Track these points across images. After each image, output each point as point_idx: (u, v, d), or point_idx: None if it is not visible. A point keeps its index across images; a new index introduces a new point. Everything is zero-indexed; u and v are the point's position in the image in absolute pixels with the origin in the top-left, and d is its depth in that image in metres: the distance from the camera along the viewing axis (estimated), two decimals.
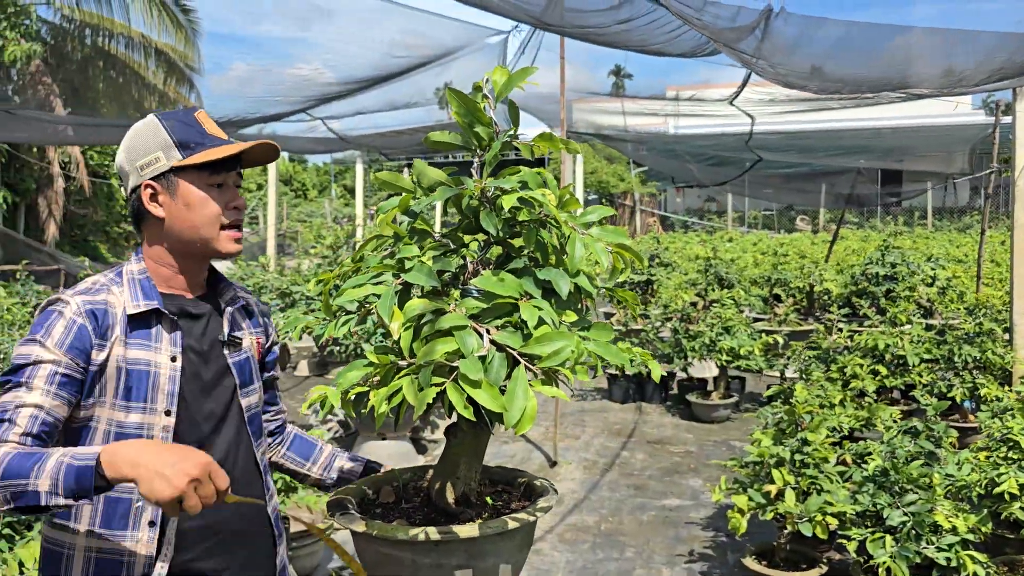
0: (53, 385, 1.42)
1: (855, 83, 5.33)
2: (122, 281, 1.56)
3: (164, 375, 1.52)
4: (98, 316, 1.49)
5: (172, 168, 1.53)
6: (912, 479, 3.38)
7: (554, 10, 4.66)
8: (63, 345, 1.44)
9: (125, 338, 1.51)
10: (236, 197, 1.60)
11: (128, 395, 1.49)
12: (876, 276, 8.37)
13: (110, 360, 1.48)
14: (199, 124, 1.57)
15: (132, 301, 1.53)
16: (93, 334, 1.47)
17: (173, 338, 1.55)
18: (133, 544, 1.47)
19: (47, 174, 17.59)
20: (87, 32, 16.19)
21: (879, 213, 30.75)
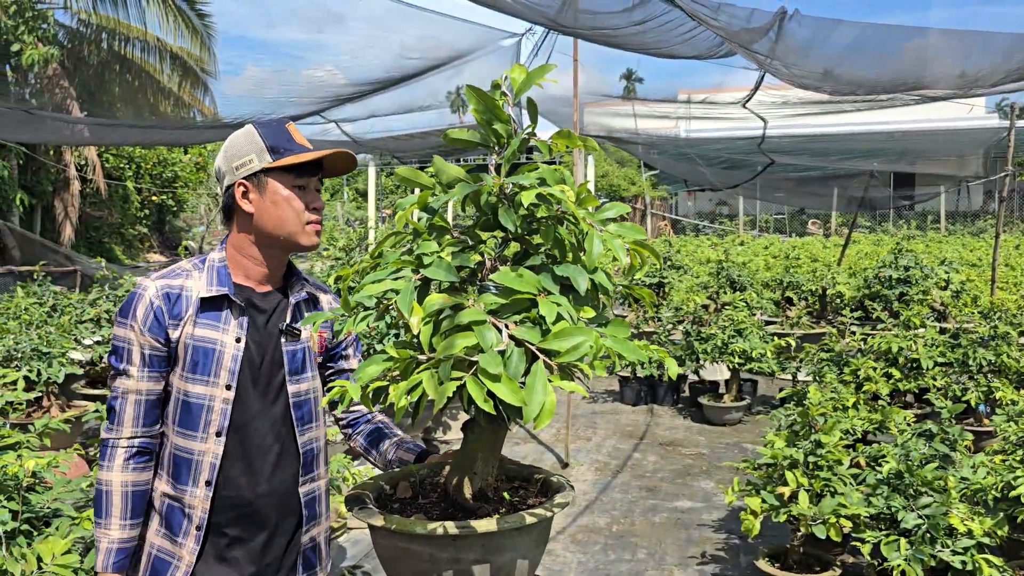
0: (145, 366, 1.72)
1: (870, 85, 5.32)
2: (203, 268, 1.78)
3: (228, 353, 1.73)
4: (171, 298, 1.72)
5: (263, 169, 1.74)
6: (927, 482, 3.37)
7: (568, 11, 4.68)
8: (146, 324, 1.71)
9: (196, 318, 1.72)
10: (316, 199, 1.79)
11: (195, 368, 1.72)
12: (889, 279, 8.34)
13: (182, 337, 1.72)
14: (288, 133, 1.77)
15: (207, 286, 1.74)
16: (167, 314, 1.71)
17: (240, 322, 1.75)
18: (192, 498, 1.72)
19: (63, 177, 17.74)
20: (103, 36, 16.34)
21: (891, 217, 30.60)
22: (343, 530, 4.21)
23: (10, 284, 9.43)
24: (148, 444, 1.74)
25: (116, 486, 1.70)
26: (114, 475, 1.70)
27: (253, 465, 1.75)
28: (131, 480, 1.71)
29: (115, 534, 1.70)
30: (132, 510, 1.71)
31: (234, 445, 1.73)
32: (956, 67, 5.09)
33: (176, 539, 1.72)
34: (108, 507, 1.70)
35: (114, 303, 6.75)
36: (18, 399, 3.99)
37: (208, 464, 1.71)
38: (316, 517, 1.86)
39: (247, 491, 1.74)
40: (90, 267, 12.17)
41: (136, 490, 1.72)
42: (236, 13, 9.69)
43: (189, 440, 1.72)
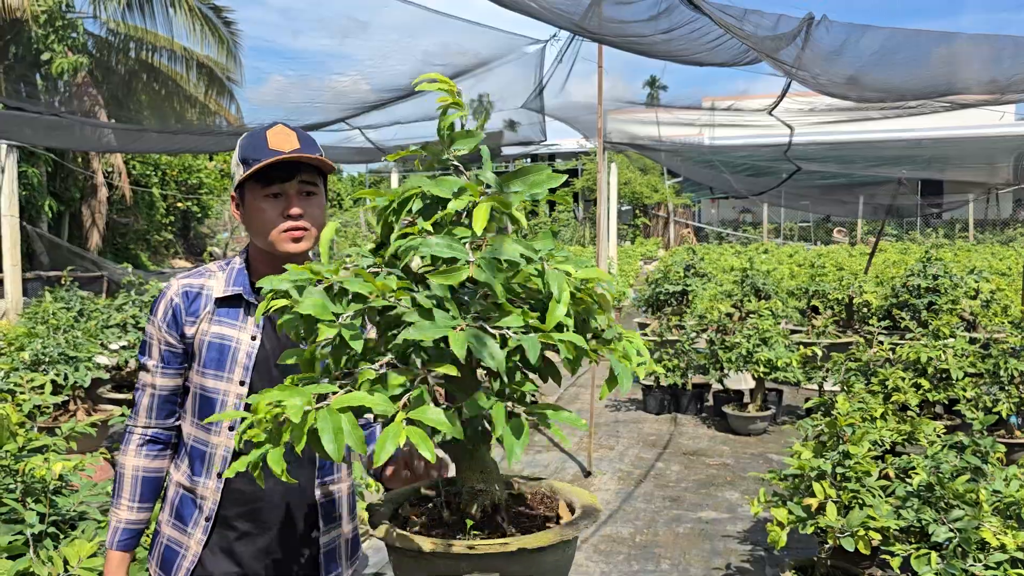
0: (162, 362, 1.80)
1: (898, 92, 5.25)
2: (226, 269, 1.85)
3: (243, 350, 1.77)
4: (190, 296, 1.80)
5: (240, 182, 1.78)
6: (958, 494, 3.30)
7: (593, 17, 4.67)
8: (164, 321, 1.79)
9: (213, 316, 1.78)
10: (291, 204, 1.75)
11: (210, 364, 1.77)
12: (917, 288, 8.21)
13: (198, 333, 1.78)
14: (264, 140, 1.75)
15: (223, 286, 1.81)
16: (185, 312, 1.79)
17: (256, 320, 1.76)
18: (204, 489, 1.77)
19: (91, 184, 17.99)
20: (131, 45, 16.57)
21: (919, 225, 30.22)
22: (366, 537, 4.21)
23: (38, 289, 9.56)
24: (161, 435, 1.83)
25: (128, 469, 1.81)
26: (128, 459, 1.82)
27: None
28: (142, 465, 1.81)
29: (123, 514, 1.80)
30: (141, 494, 1.81)
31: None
32: (987, 73, 5.01)
33: (186, 529, 1.78)
34: (120, 488, 1.82)
35: (140, 308, 6.82)
36: (45, 402, 4.03)
37: (220, 457, 1.76)
38: (335, 520, 1.86)
39: (257, 487, 1.77)
40: (117, 273, 12.31)
41: (146, 475, 1.82)
42: (262, 22, 9.81)
43: (205, 432, 1.78)
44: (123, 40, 16.68)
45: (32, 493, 2.75)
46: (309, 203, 1.78)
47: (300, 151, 1.74)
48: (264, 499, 1.78)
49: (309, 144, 1.77)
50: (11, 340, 5.70)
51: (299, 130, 1.81)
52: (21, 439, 2.92)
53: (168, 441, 1.85)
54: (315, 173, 1.79)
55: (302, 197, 1.77)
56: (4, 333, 6.04)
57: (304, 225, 1.76)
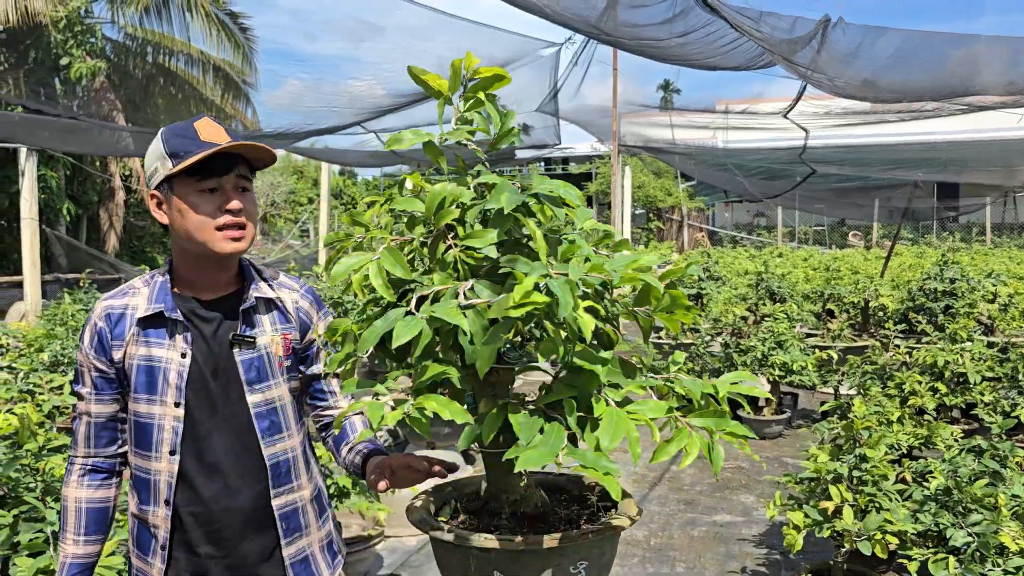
0: (95, 389, 1.70)
1: (915, 94, 5.23)
2: (150, 283, 1.72)
3: (174, 370, 1.66)
4: (113, 318, 1.68)
5: (166, 177, 1.63)
6: (976, 499, 3.28)
7: (609, 20, 4.68)
8: (92, 347, 1.69)
9: (139, 337, 1.67)
10: (230, 200, 1.64)
11: (141, 388, 1.67)
12: (934, 291, 8.16)
13: (126, 357, 1.67)
14: (194, 131, 1.64)
15: (145, 304, 1.69)
16: (110, 335, 1.68)
17: (185, 336, 1.67)
18: (155, 518, 1.68)
19: (109, 187, 18.16)
20: (148, 49, 16.72)
21: (935, 229, 29.99)
22: (380, 538, 4.22)
23: (57, 291, 9.66)
24: (102, 464, 1.73)
25: (71, 502, 1.71)
26: (70, 491, 1.72)
27: (217, 481, 1.68)
28: (84, 496, 1.71)
29: (69, 548, 1.70)
30: (86, 527, 1.71)
31: (191, 463, 1.67)
32: (1005, 75, 4.98)
33: (147, 559, 1.70)
34: (64, 522, 1.72)
35: None
36: (64, 403, 4.07)
37: (165, 483, 1.66)
38: (299, 529, 1.76)
39: (214, 507, 1.68)
40: (134, 275, 12.41)
41: (90, 507, 1.71)
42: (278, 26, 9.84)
43: (145, 460, 1.68)
44: (140, 44, 16.84)
45: (52, 492, 2.78)
46: (245, 198, 1.67)
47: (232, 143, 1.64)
48: (220, 519, 1.68)
49: (236, 138, 1.67)
50: (30, 341, 5.77)
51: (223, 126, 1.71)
52: (41, 438, 2.96)
53: (111, 469, 1.74)
54: (247, 168, 1.68)
55: (239, 192, 1.66)
56: (24, 334, 6.11)
57: (242, 222, 1.65)
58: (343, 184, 43.52)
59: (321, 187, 13.91)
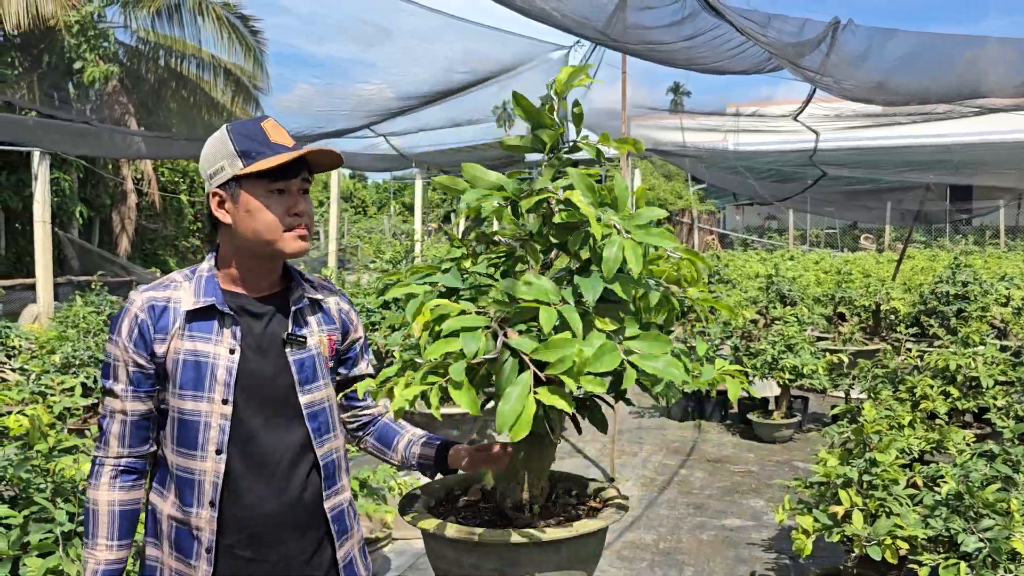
0: (131, 384, 1.63)
1: (925, 96, 5.20)
2: (193, 278, 1.68)
3: (222, 366, 1.62)
4: (157, 311, 1.63)
5: (234, 177, 1.62)
6: (988, 504, 3.25)
7: (617, 25, 4.67)
8: (130, 340, 1.63)
9: (185, 331, 1.63)
10: (299, 202, 1.65)
11: (187, 385, 1.61)
12: (946, 295, 8.10)
13: (170, 352, 1.62)
14: (263, 133, 1.64)
15: (193, 297, 1.64)
16: (153, 328, 1.62)
17: (233, 332, 1.64)
18: (198, 519, 1.61)
19: (121, 190, 18.26)
20: (160, 53, 16.82)
21: (947, 232, 29.78)
22: (388, 540, 4.23)
23: (69, 293, 9.72)
24: (136, 464, 1.68)
25: (103, 505, 1.64)
26: (101, 494, 1.65)
27: (263, 482, 1.64)
28: (118, 499, 1.65)
29: (101, 555, 1.63)
30: (119, 530, 1.65)
31: (239, 462, 1.62)
32: (1016, 77, 4.95)
33: (190, 562, 1.63)
34: (95, 527, 1.64)
35: None
36: (75, 404, 4.09)
37: (211, 484, 1.61)
38: (348, 531, 1.77)
39: (258, 510, 1.63)
40: (146, 277, 12.49)
41: (123, 509, 1.65)
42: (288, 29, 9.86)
43: (189, 460, 1.62)
44: (152, 49, 16.94)
45: (62, 493, 2.79)
46: (307, 201, 1.69)
47: (297, 147, 1.65)
48: (269, 521, 1.64)
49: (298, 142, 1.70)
50: (42, 343, 5.80)
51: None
52: (52, 440, 2.97)
53: (143, 470, 1.69)
54: (308, 171, 1.69)
55: (302, 195, 1.68)
56: (36, 336, 6.15)
57: (306, 223, 1.67)
58: (353, 187, 43.66)
59: (331, 190, 13.96)
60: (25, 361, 5.68)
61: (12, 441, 3.09)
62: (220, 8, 16.29)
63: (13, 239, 16.43)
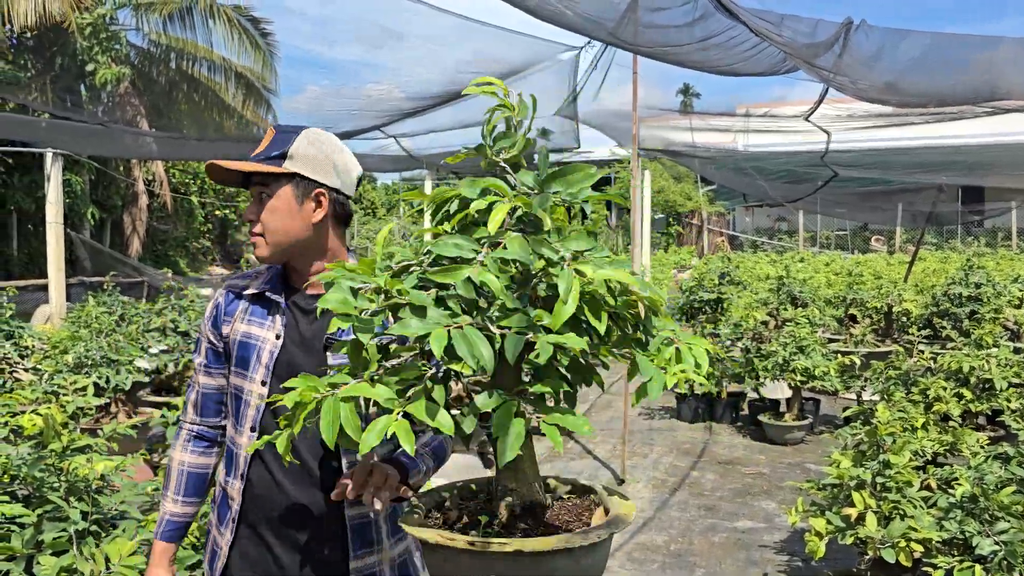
0: (206, 359, 1.82)
1: (940, 97, 5.16)
2: (271, 269, 1.83)
3: (267, 349, 1.74)
4: (230, 296, 1.82)
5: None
6: (1003, 506, 3.22)
7: (628, 26, 4.66)
8: (209, 320, 1.83)
9: (245, 316, 1.78)
10: (249, 211, 1.75)
11: (239, 363, 1.76)
12: (959, 296, 8.05)
13: (231, 333, 1.78)
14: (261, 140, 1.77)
15: (256, 286, 1.80)
16: (224, 311, 1.81)
17: (283, 320, 1.76)
18: (231, 489, 1.77)
19: (132, 191, 18.36)
20: (172, 56, 16.90)
21: (959, 233, 29.61)
22: None
23: (82, 294, 9.77)
24: (207, 432, 1.85)
25: (175, 463, 1.84)
26: (176, 453, 1.85)
27: (283, 470, 1.70)
28: (187, 460, 1.83)
29: (168, 506, 1.83)
30: (184, 488, 1.83)
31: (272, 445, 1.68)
32: None
33: (220, 528, 1.78)
34: (168, 481, 1.85)
35: (179, 313, 6.93)
36: (88, 404, 4.11)
37: (243, 458, 1.74)
38: (370, 544, 1.72)
39: (276, 495, 1.71)
40: (157, 278, 12.54)
41: (191, 471, 1.83)
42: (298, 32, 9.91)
43: (234, 433, 1.77)
44: (164, 51, 17.03)
45: (75, 492, 2.80)
46: (262, 208, 1.71)
47: (259, 154, 1.70)
48: (285, 510, 1.69)
49: (275, 144, 1.71)
50: (55, 343, 5.83)
51: (283, 128, 1.74)
52: (65, 439, 2.98)
53: (214, 439, 1.86)
54: (268, 176, 1.70)
55: (256, 202, 1.73)
56: (48, 336, 6.18)
57: (255, 231, 1.72)
58: (362, 188, 43.75)
59: None
60: (38, 361, 5.71)
61: (25, 440, 3.11)
62: (231, 11, 16.37)
63: (25, 240, 16.54)
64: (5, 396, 4.17)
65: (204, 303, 7.23)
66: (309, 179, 1.71)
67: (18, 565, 2.50)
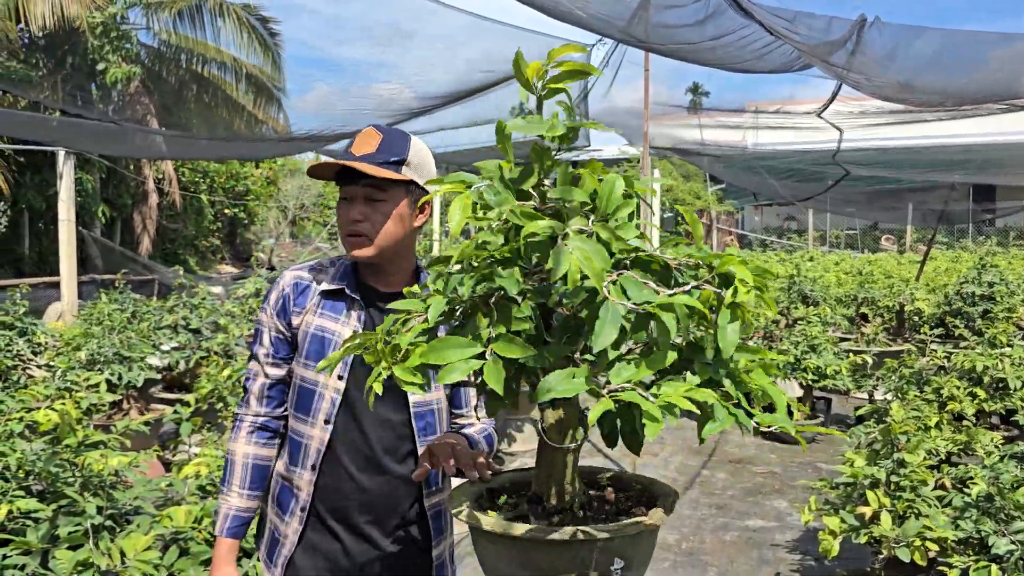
0: (272, 348, 1.82)
1: (957, 96, 5.12)
2: (337, 264, 1.87)
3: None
4: (299, 287, 1.82)
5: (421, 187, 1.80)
6: (1020, 506, 3.20)
7: (640, 24, 4.65)
8: (275, 309, 1.82)
9: (318, 309, 1.79)
10: (350, 210, 1.76)
11: (312, 356, 1.77)
12: (972, 296, 8.00)
13: (303, 324, 1.79)
14: (352, 141, 1.78)
15: (329, 281, 1.82)
16: (293, 302, 1.81)
17: (359, 316, 1.79)
18: (299, 480, 1.79)
19: (142, 190, 18.42)
20: (182, 55, 16.96)
21: (970, 232, 29.45)
22: None
23: (93, 291, 9.81)
24: (271, 423, 1.85)
25: (239, 456, 1.82)
26: (238, 446, 1.82)
27: (361, 461, 1.77)
28: (252, 452, 1.82)
29: (234, 501, 1.81)
30: (251, 481, 1.82)
31: (344, 436, 1.76)
32: None
33: (284, 518, 1.81)
34: (231, 475, 1.82)
35: (190, 310, 6.95)
36: (101, 400, 4.13)
37: (315, 449, 1.76)
38: (443, 532, 1.86)
39: (354, 484, 1.76)
40: (167, 276, 12.59)
41: (256, 463, 1.82)
42: (308, 31, 9.96)
43: (302, 424, 1.79)
44: (174, 51, 17.08)
45: (90, 487, 2.81)
46: (373, 209, 1.74)
47: (367, 156, 1.72)
48: (362, 498, 1.76)
49: (388, 148, 1.74)
50: (68, 340, 5.86)
51: (388, 131, 1.77)
52: (80, 434, 2.99)
53: (277, 430, 1.86)
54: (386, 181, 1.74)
55: (361, 201, 1.74)
56: (61, 333, 6.21)
57: (360, 231, 1.74)
58: None
59: None
60: (51, 358, 5.73)
61: (40, 436, 3.12)
62: (240, 10, 16.40)
63: (36, 238, 16.62)
64: (20, 392, 4.19)
65: (214, 301, 7.24)
66: (420, 187, 1.79)
67: (34, 560, 2.51)
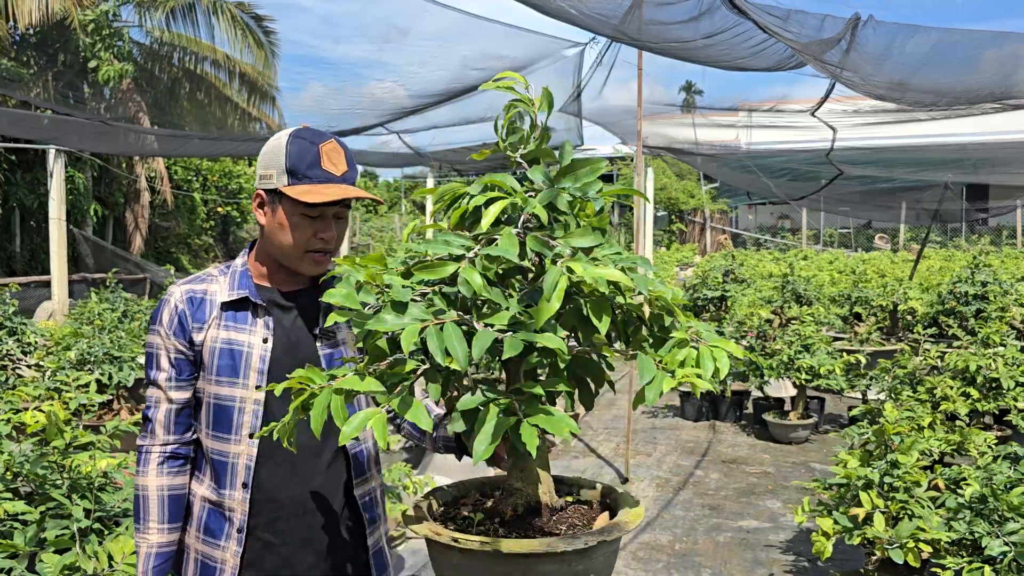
0: (173, 371, 1.71)
1: (951, 95, 5.11)
2: (227, 272, 1.79)
3: (256, 354, 1.71)
4: (195, 302, 1.73)
5: (277, 189, 1.68)
6: (1013, 507, 3.19)
7: (633, 21, 4.63)
8: (170, 328, 1.71)
9: (221, 322, 1.72)
10: (328, 228, 1.71)
11: (223, 371, 1.70)
12: (965, 295, 8.02)
13: (207, 340, 1.71)
14: (317, 156, 1.67)
15: (227, 290, 1.74)
16: (191, 318, 1.71)
17: (266, 322, 1.73)
18: (231, 501, 1.70)
19: (135, 188, 18.33)
20: (175, 53, 16.88)
21: (963, 232, 29.55)
22: (402, 539, 4.20)
23: (84, 290, 9.76)
24: (181, 450, 1.74)
25: (152, 490, 1.71)
26: (150, 480, 1.71)
27: (289, 467, 1.72)
28: (167, 484, 1.72)
29: (153, 538, 1.71)
30: (170, 514, 1.72)
31: (270, 447, 1.69)
32: None
33: (218, 543, 1.71)
34: (145, 512, 1.71)
35: None
36: (91, 400, 4.09)
37: (243, 466, 1.70)
38: (377, 520, 1.84)
39: (288, 493, 1.71)
40: (159, 275, 12.54)
41: (172, 494, 1.73)
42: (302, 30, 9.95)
43: (223, 443, 1.71)
44: (167, 48, 17.00)
45: (78, 489, 2.78)
46: (339, 227, 1.74)
47: (347, 176, 1.69)
48: (298, 505, 1.72)
49: (353, 167, 1.72)
50: (58, 340, 5.82)
51: (346, 148, 1.73)
52: (68, 436, 2.96)
53: (188, 456, 1.76)
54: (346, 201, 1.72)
55: (335, 221, 1.73)
56: (51, 333, 6.16)
57: (330, 248, 1.73)
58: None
59: None
60: (41, 357, 5.70)
61: (28, 437, 3.09)
62: (234, 8, 16.34)
63: (28, 237, 16.52)
64: (8, 393, 4.15)
65: None
66: None
67: (21, 563, 2.48)
